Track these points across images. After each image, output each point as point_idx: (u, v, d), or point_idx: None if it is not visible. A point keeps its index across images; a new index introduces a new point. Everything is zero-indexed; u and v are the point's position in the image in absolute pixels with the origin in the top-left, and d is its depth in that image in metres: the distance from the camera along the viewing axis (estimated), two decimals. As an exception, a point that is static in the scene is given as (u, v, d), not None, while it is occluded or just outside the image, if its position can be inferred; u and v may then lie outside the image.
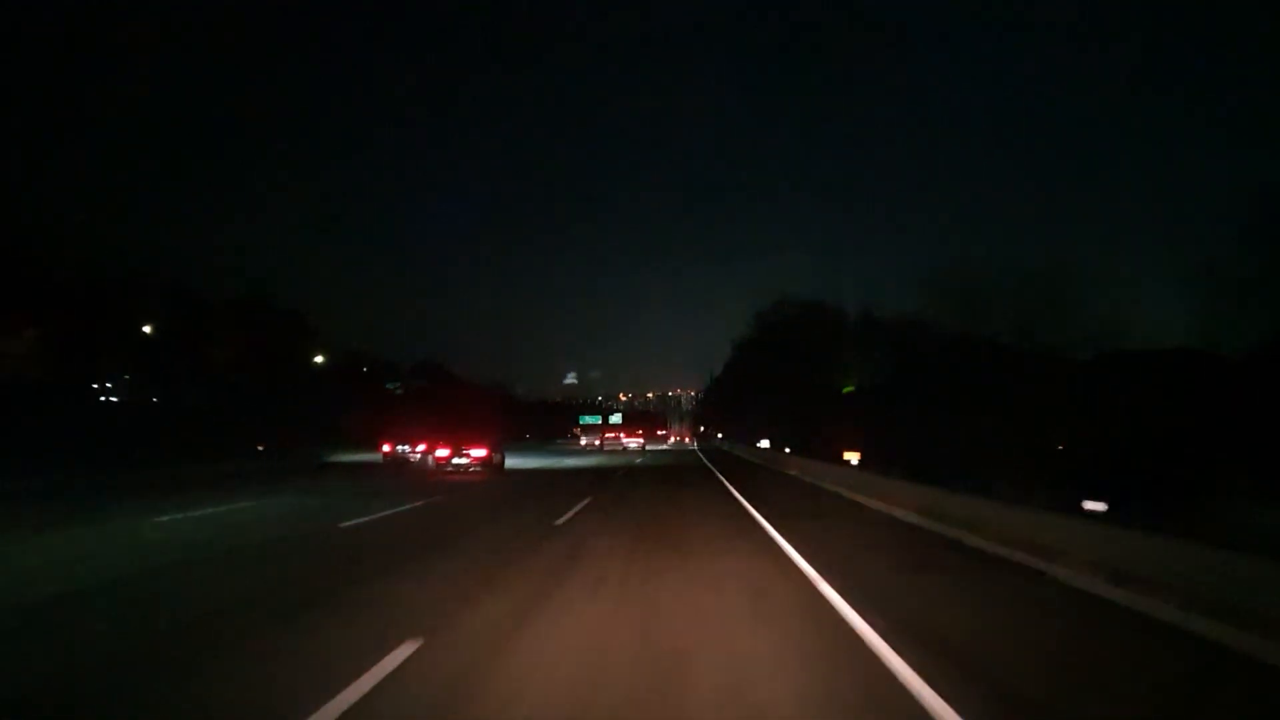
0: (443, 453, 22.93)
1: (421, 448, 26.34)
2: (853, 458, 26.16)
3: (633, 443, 61.94)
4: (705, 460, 34.40)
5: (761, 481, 19.79)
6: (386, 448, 28.92)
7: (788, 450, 30.73)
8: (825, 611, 5.24)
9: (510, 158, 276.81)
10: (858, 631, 4.65)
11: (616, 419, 77.65)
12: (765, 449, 38.20)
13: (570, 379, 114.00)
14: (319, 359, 44.56)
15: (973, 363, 21.93)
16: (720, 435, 71.57)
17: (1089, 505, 11.34)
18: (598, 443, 62.58)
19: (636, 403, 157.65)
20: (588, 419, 78.55)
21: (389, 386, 53.93)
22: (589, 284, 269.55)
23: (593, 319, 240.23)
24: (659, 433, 69.65)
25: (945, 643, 4.44)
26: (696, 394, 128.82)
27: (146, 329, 25.50)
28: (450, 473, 21.77)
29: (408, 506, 12.66)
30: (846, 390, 34.93)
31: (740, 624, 4.92)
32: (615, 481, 19.80)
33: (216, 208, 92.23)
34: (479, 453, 22.55)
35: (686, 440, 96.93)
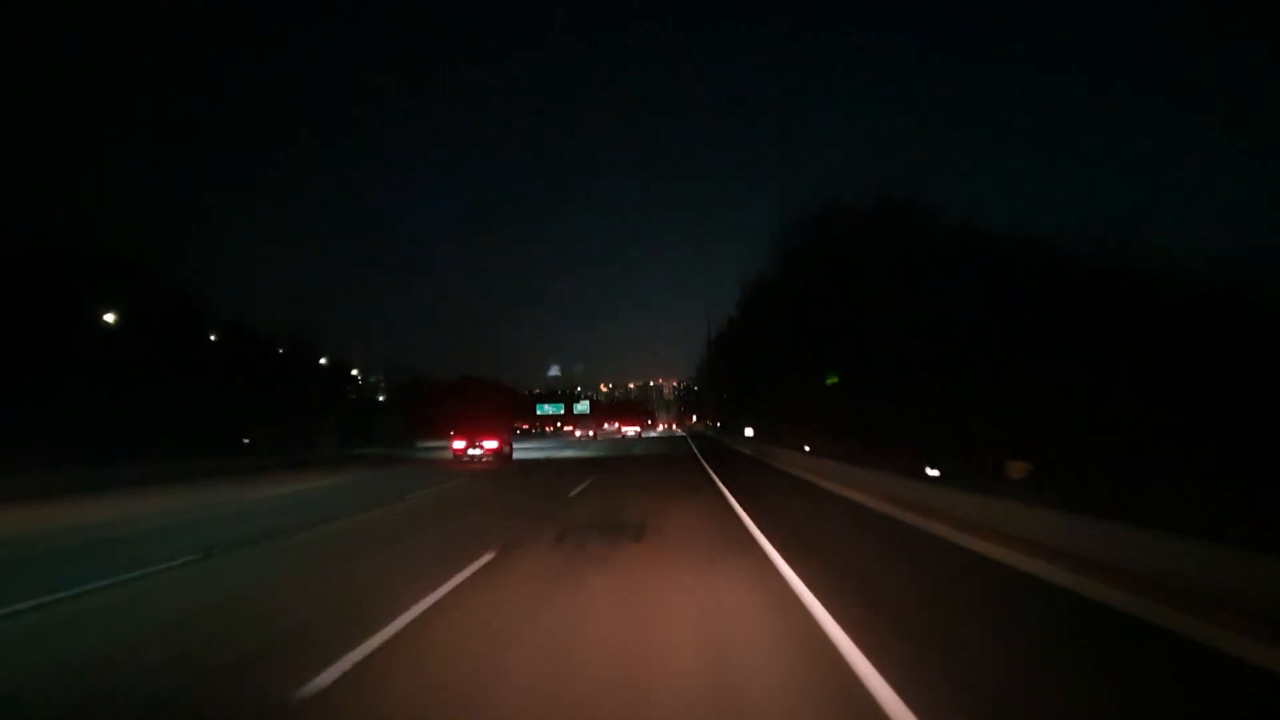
0: (459, 444, 24.86)
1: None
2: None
3: (630, 430, 67.03)
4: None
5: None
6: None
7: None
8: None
9: (488, 152, 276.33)
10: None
11: (582, 407, 72.15)
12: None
13: (554, 371, 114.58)
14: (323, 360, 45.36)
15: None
16: (750, 432, 35.79)
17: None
18: (592, 434, 64.04)
19: (617, 393, 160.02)
20: (547, 408, 71.89)
21: (371, 379, 57.12)
22: (570, 277, 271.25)
23: (575, 311, 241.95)
24: (624, 425, 69.55)
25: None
26: (679, 384, 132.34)
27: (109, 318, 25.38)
28: (467, 462, 24.09)
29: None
30: (830, 381, 23.52)
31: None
32: None
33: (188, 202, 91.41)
34: (491, 444, 24.92)
35: (674, 428, 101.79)
